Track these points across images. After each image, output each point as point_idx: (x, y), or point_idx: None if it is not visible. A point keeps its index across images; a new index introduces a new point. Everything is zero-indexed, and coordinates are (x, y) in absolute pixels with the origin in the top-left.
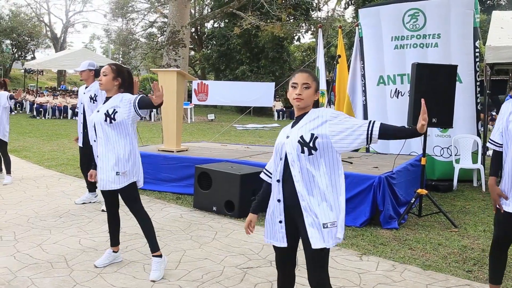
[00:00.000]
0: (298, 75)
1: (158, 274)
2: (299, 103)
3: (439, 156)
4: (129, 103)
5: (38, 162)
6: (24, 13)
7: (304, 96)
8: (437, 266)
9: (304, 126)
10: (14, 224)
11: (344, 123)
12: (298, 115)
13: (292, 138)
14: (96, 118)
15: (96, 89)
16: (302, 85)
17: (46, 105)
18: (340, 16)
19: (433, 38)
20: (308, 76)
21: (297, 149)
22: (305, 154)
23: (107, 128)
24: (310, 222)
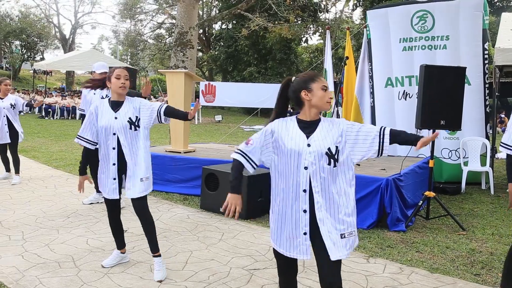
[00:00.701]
0: (323, 79)
1: (162, 274)
2: (329, 108)
3: (447, 159)
4: (151, 111)
5: (47, 162)
6: (33, 14)
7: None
8: (445, 269)
9: (327, 136)
10: (22, 223)
11: (359, 133)
12: (313, 121)
13: (316, 149)
14: (117, 125)
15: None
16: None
17: (55, 106)
18: (348, 17)
19: (442, 40)
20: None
21: (325, 161)
22: (330, 166)
23: (132, 135)
24: (328, 233)
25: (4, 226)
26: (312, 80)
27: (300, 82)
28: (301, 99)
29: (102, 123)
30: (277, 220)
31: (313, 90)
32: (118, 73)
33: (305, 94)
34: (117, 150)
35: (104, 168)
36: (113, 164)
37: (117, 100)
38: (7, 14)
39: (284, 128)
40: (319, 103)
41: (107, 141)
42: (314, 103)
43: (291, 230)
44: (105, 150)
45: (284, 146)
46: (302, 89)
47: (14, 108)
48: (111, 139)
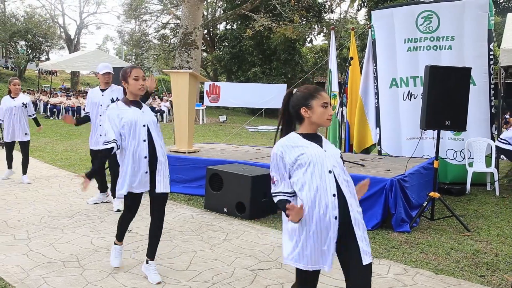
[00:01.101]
0: (324, 94)
1: (159, 276)
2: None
3: (452, 159)
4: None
5: (51, 162)
6: (38, 15)
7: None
8: (450, 270)
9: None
10: (27, 223)
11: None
12: (313, 134)
13: (332, 153)
14: (146, 118)
15: (120, 92)
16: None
17: (60, 106)
18: (352, 18)
19: (447, 40)
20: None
21: (341, 163)
22: (345, 170)
23: (158, 129)
24: (360, 236)
25: (9, 225)
26: (312, 97)
27: (300, 98)
28: (301, 115)
29: (127, 118)
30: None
31: (313, 107)
32: (136, 74)
33: (304, 111)
34: (147, 143)
35: (131, 163)
36: (144, 157)
37: (134, 99)
38: (12, 15)
39: (291, 145)
40: (319, 120)
41: (137, 135)
42: (314, 121)
43: (317, 243)
44: (133, 146)
45: (302, 157)
46: (302, 106)
47: (26, 107)
48: (141, 132)
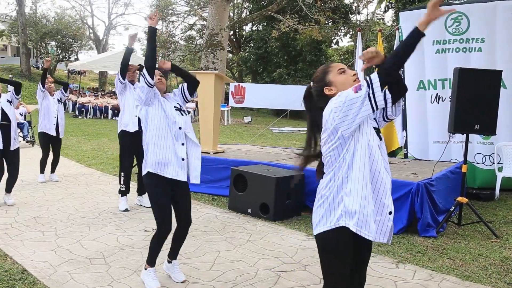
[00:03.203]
0: (335, 63)
1: (183, 275)
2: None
3: (480, 164)
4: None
5: (79, 161)
6: (68, 16)
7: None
8: (477, 277)
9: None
10: (55, 220)
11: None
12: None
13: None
14: (181, 120)
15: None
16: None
17: (88, 105)
18: (379, 19)
19: (477, 43)
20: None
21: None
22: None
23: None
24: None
25: (38, 222)
26: (325, 73)
27: (317, 82)
28: (329, 97)
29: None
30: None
31: (332, 80)
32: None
33: (328, 90)
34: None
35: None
36: (182, 144)
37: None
38: (43, 16)
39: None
40: (346, 87)
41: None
42: (342, 89)
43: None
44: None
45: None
46: (323, 87)
47: (61, 102)
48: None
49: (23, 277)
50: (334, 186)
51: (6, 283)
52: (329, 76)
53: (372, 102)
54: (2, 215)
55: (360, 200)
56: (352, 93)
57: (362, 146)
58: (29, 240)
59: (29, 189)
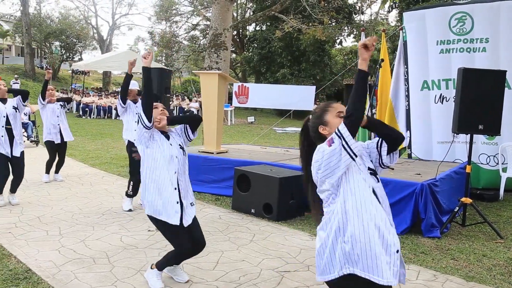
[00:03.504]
0: (336, 105)
1: (186, 275)
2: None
3: (485, 164)
4: (181, 132)
5: (83, 160)
6: (72, 16)
7: None
8: (481, 278)
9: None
10: (59, 219)
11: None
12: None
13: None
14: (174, 151)
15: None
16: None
17: (92, 105)
18: (383, 19)
19: (481, 43)
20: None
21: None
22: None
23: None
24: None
25: (42, 221)
26: (324, 112)
27: (314, 119)
28: (323, 136)
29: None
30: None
31: (329, 121)
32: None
33: (323, 130)
34: (177, 175)
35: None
36: (174, 188)
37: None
38: (47, 16)
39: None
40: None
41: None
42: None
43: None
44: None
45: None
46: (318, 125)
47: (63, 107)
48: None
49: (27, 276)
50: (332, 232)
51: (10, 282)
52: (327, 116)
53: (349, 151)
54: (6, 215)
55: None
56: (327, 147)
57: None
58: (33, 239)
59: (33, 188)
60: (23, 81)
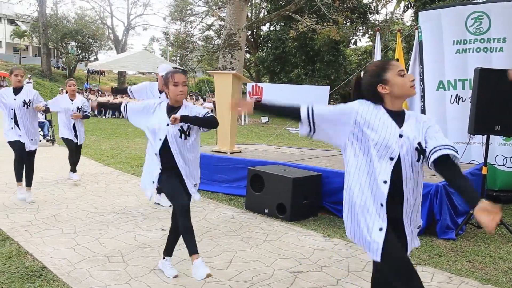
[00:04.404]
0: (397, 63)
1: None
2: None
3: (501, 166)
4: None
5: (98, 159)
6: (88, 16)
7: None
8: (497, 280)
9: (415, 130)
10: (74, 218)
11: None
12: (399, 111)
13: (408, 141)
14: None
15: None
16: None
17: None
18: (398, 19)
19: (498, 42)
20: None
21: (414, 155)
22: (419, 163)
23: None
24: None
25: (57, 219)
26: (383, 69)
27: (372, 76)
28: (380, 94)
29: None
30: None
31: (390, 80)
32: (177, 79)
33: (382, 88)
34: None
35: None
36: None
37: (173, 105)
38: (64, 16)
39: (371, 114)
40: (402, 91)
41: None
42: (396, 94)
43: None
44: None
45: (373, 133)
46: (377, 83)
47: (80, 111)
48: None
49: (43, 273)
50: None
51: (26, 280)
52: (388, 74)
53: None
54: (22, 213)
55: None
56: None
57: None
58: (49, 237)
59: (49, 187)
60: (39, 81)
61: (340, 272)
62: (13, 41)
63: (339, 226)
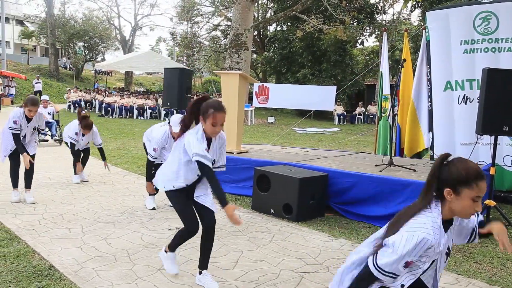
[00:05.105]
0: (483, 186)
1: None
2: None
3: (509, 166)
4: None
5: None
6: (96, 17)
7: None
8: (505, 282)
9: (451, 236)
10: (81, 217)
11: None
12: (449, 220)
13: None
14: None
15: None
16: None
17: (114, 105)
18: (405, 19)
19: (506, 42)
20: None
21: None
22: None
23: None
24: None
25: (65, 219)
26: (466, 183)
27: (453, 177)
28: (443, 195)
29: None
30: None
31: (461, 195)
32: (216, 120)
33: (448, 193)
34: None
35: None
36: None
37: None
38: (71, 17)
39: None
40: (460, 213)
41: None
42: (455, 209)
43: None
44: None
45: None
46: (450, 186)
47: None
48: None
49: (50, 273)
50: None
51: (34, 279)
52: (466, 190)
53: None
54: (30, 212)
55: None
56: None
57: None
58: (56, 237)
59: (57, 187)
60: (47, 81)
61: None
62: (21, 42)
63: (346, 226)
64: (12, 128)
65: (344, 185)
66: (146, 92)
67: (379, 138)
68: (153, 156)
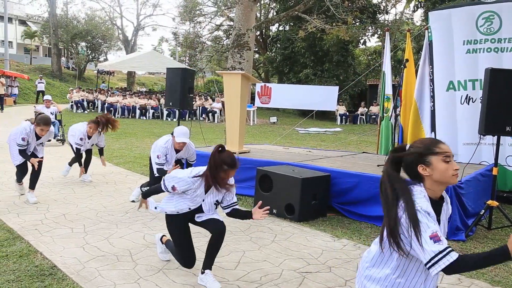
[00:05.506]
0: (444, 146)
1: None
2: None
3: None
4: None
5: (107, 159)
6: (98, 17)
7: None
8: (507, 282)
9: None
10: (84, 217)
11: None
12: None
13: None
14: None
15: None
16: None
17: (116, 105)
18: (408, 19)
19: (509, 42)
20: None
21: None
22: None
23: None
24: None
25: (67, 218)
26: (430, 150)
27: (415, 155)
28: (420, 175)
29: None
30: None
31: (433, 163)
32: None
33: (423, 169)
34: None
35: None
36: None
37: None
38: (74, 17)
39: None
40: (443, 178)
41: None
42: (437, 179)
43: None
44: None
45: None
46: (419, 163)
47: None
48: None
49: (53, 272)
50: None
51: (36, 278)
52: (433, 157)
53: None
54: (33, 212)
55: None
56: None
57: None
58: (59, 236)
59: (59, 186)
60: (50, 81)
61: (348, 273)
62: (24, 42)
63: (348, 226)
64: (19, 145)
65: (347, 185)
66: (148, 92)
67: (381, 138)
68: (158, 163)
